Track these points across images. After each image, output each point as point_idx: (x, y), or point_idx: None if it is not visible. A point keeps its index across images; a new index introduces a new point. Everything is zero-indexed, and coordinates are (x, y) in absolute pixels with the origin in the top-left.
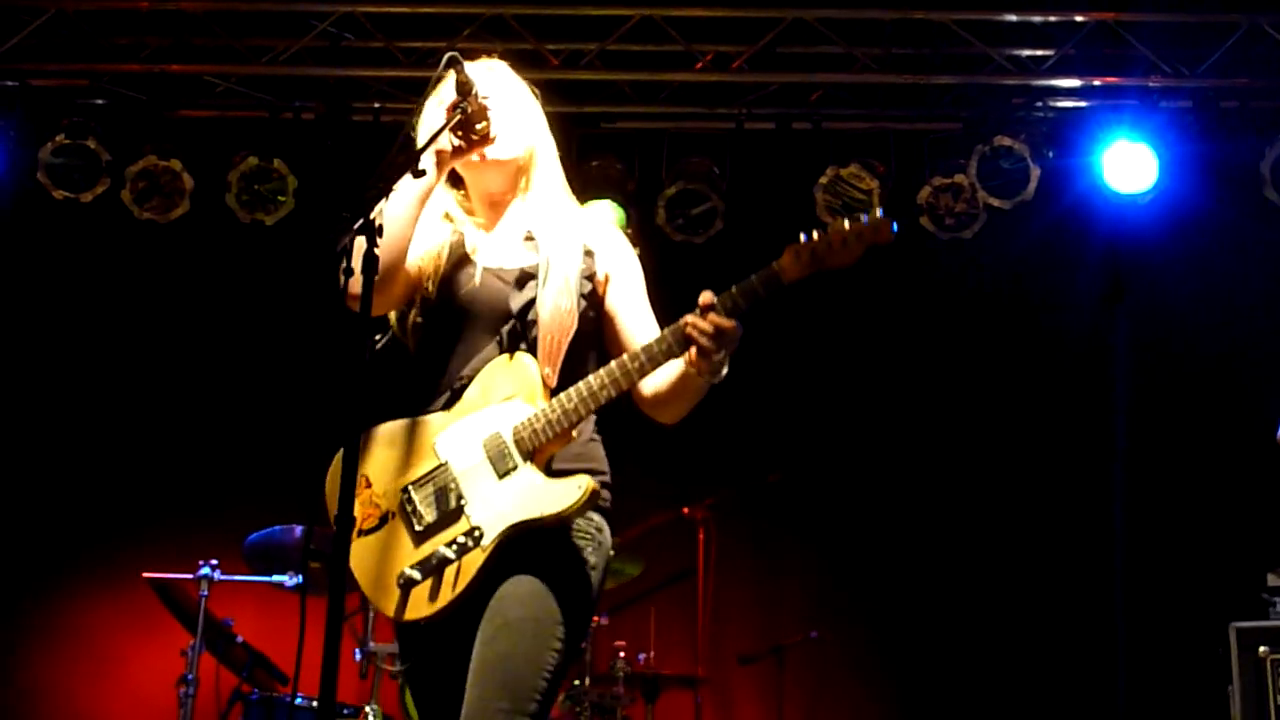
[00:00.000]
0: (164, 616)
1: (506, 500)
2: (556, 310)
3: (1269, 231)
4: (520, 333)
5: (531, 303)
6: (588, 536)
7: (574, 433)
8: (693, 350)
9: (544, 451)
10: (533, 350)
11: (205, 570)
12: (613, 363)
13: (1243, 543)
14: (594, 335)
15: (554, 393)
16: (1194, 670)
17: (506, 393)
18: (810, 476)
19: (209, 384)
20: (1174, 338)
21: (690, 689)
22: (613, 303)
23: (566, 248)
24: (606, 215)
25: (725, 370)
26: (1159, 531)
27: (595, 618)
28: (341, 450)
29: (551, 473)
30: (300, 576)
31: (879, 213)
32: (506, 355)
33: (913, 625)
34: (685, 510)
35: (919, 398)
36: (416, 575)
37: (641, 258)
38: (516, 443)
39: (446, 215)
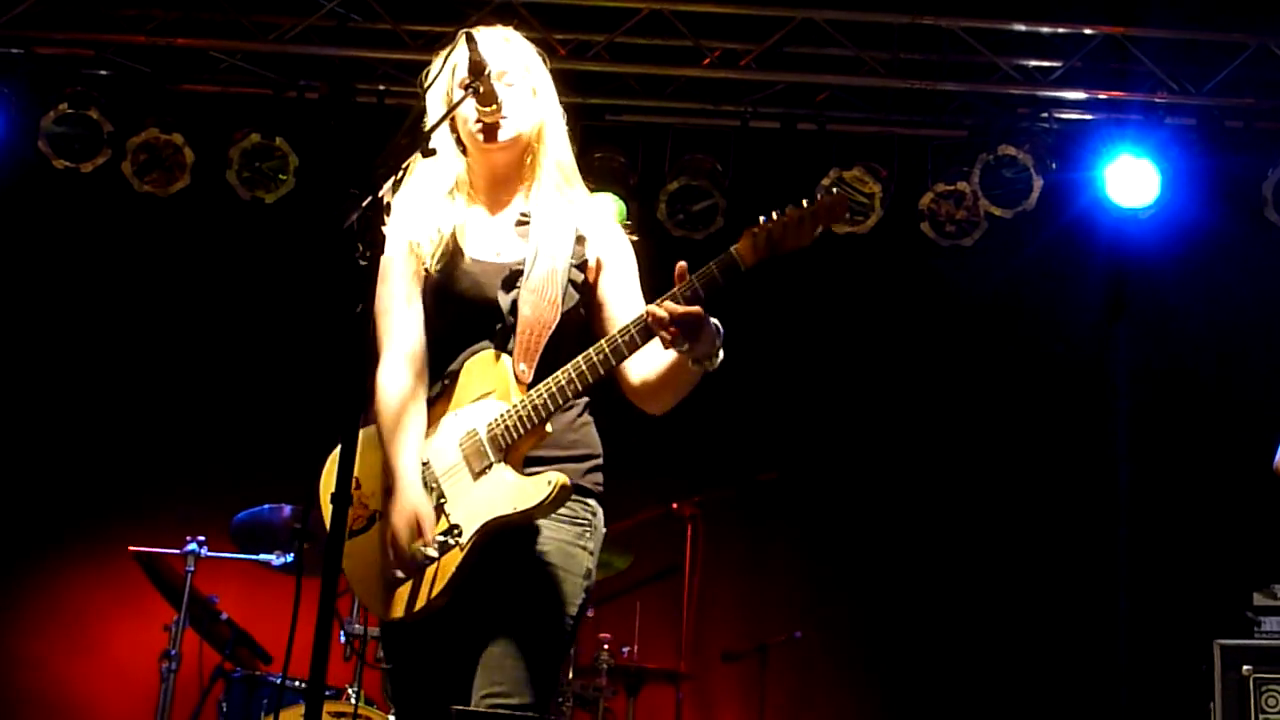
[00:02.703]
0: (149, 591)
1: (481, 498)
2: (537, 306)
3: (1270, 251)
4: (503, 329)
5: (515, 301)
6: (584, 522)
7: (547, 426)
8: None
9: (518, 448)
10: (511, 346)
11: (192, 546)
12: (579, 357)
13: (1230, 561)
14: (580, 326)
15: (530, 388)
16: (1178, 687)
17: (483, 390)
18: (802, 477)
19: (203, 360)
20: (1172, 353)
21: (672, 684)
22: (603, 291)
23: (558, 236)
24: (606, 205)
25: (719, 359)
26: (1148, 547)
27: None
28: (337, 449)
29: (533, 463)
30: (287, 556)
31: (833, 190)
32: (485, 353)
33: (899, 629)
34: (674, 506)
35: (913, 402)
36: (399, 574)
37: (640, 252)
38: (490, 440)
39: (452, 190)
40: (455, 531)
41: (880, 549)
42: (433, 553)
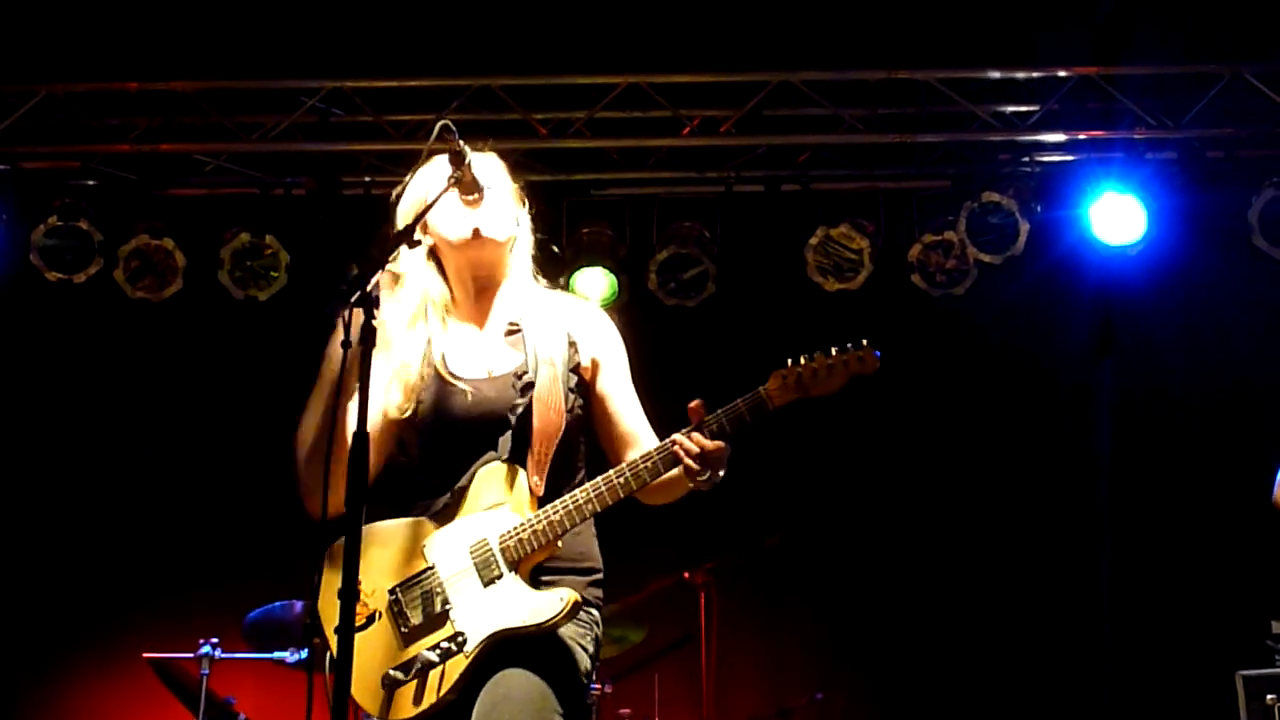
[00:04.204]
0: (165, 696)
1: (490, 608)
2: (545, 414)
3: (1258, 280)
4: (512, 440)
5: (522, 411)
6: (585, 625)
7: (559, 543)
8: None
9: (529, 561)
10: (524, 456)
11: (206, 649)
12: (599, 478)
13: (1247, 591)
14: (582, 426)
15: (542, 500)
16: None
17: (495, 500)
18: (809, 537)
19: (204, 462)
20: (1165, 388)
21: None
22: (601, 389)
23: (552, 342)
24: (584, 300)
25: (719, 479)
26: (1159, 583)
27: (599, 685)
28: (331, 547)
29: (542, 573)
30: (301, 652)
31: (864, 343)
32: (497, 463)
33: (917, 684)
34: (686, 575)
35: (915, 456)
36: (400, 676)
37: (635, 323)
38: (502, 551)
39: (423, 309)
40: (460, 639)
41: (893, 602)
42: (435, 658)
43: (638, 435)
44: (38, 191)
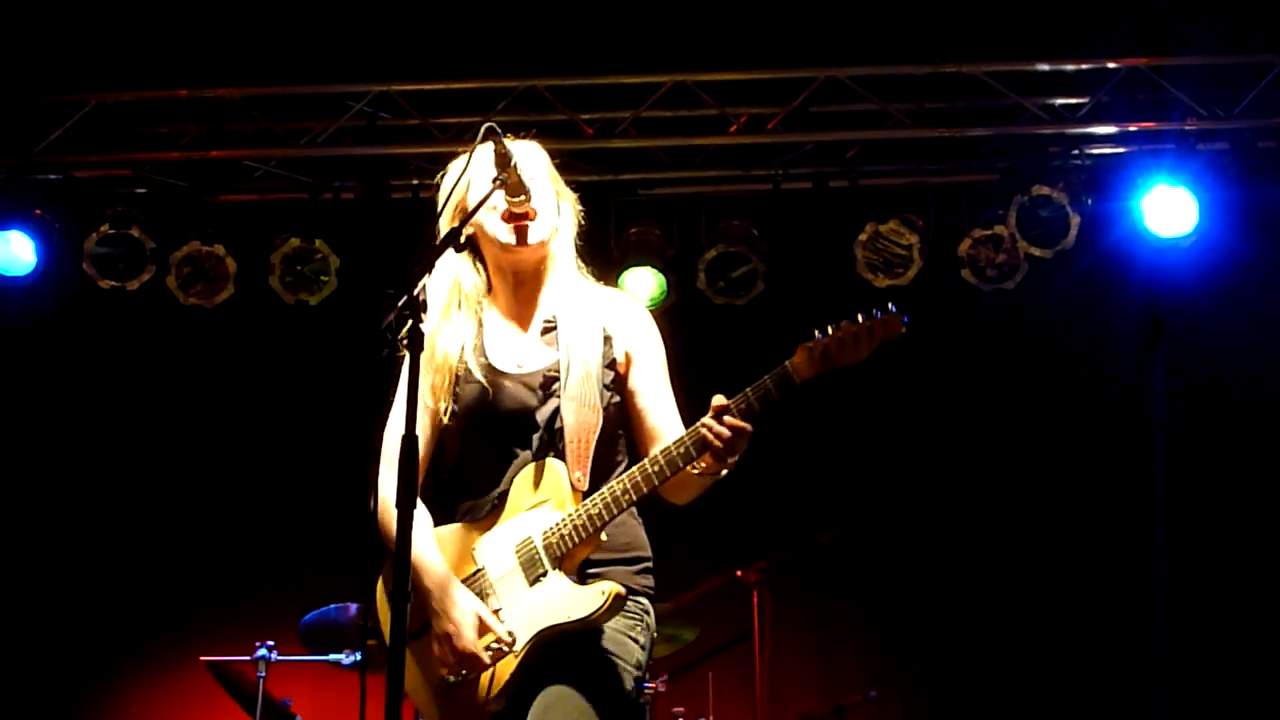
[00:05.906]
0: (223, 699)
1: (536, 605)
2: (580, 411)
3: None
4: (549, 440)
5: (556, 410)
6: (636, 616)
7: (602, 535)
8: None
9: (573, 556)
10: (562, 454)
11: (262, 651)
12: (634, 468)
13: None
14: (621, 421)
15: (586, 494)
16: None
17: (537, 499)
18: (862, 534)
19: (259, 466)
20: (1218, 381)
21: None
22: (633, 384)
23: (586, 338)
24: (627, 295)
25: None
26: (1213, 578)
27: (653, 684)
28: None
29: (589, 565)
30: (357, 654)
31: (890, 307)
32: (535, 462)
33: (971, 682)
34: (739, 573)
35: (966, 452)
36: (452, 678)
37: (684, 323)
38: (545, 549)
39: (455, 300)
40: (509, 638)
41: (946, 598)
42: (487, 658)
43: (665, 431)
44: (90, 200)
